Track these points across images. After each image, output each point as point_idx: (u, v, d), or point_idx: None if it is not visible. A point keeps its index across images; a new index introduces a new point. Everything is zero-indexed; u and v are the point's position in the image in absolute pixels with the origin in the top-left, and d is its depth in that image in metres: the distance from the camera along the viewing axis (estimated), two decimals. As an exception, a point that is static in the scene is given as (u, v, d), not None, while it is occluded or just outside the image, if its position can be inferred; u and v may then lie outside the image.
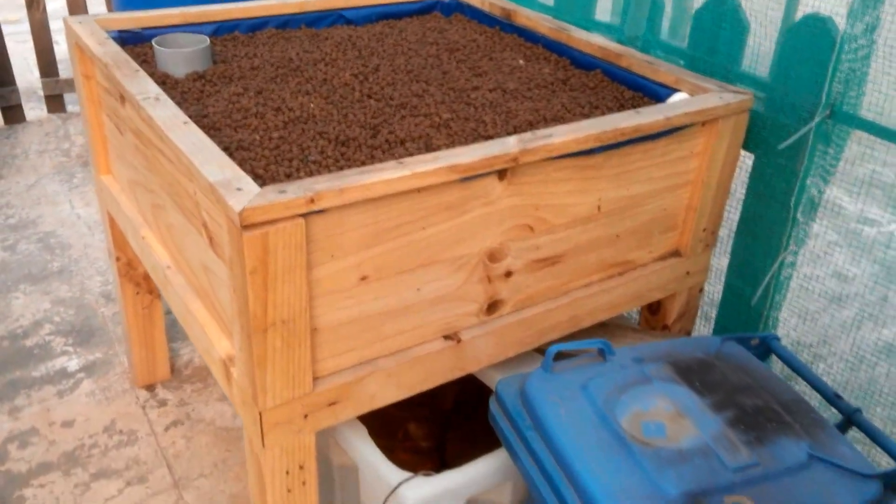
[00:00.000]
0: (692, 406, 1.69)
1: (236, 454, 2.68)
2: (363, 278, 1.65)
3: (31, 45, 5.06)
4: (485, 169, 1.66)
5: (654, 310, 2.36)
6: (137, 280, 2.73)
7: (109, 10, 5.09)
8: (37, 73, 5.30)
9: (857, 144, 1.97)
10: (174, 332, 3.20)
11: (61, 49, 5.40)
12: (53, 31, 4.99)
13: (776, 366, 2.15)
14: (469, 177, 1.66)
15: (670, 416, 1.66)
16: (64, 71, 5.17)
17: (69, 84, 5.06)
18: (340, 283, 1.63)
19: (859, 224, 2.63)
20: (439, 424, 2.52)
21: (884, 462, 2.04)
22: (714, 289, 2.46)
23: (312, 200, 1.46)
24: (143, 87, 1.87)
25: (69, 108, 5.19)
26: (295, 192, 1.46)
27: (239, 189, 1.46)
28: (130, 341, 2.85)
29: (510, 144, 1.70)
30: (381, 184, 1.53)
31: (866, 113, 1.90)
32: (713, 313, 2.49)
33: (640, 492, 1.50)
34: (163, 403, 2.89)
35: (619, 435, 1.61)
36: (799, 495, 1.53)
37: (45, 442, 2.70)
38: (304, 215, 1.47)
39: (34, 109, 5.19)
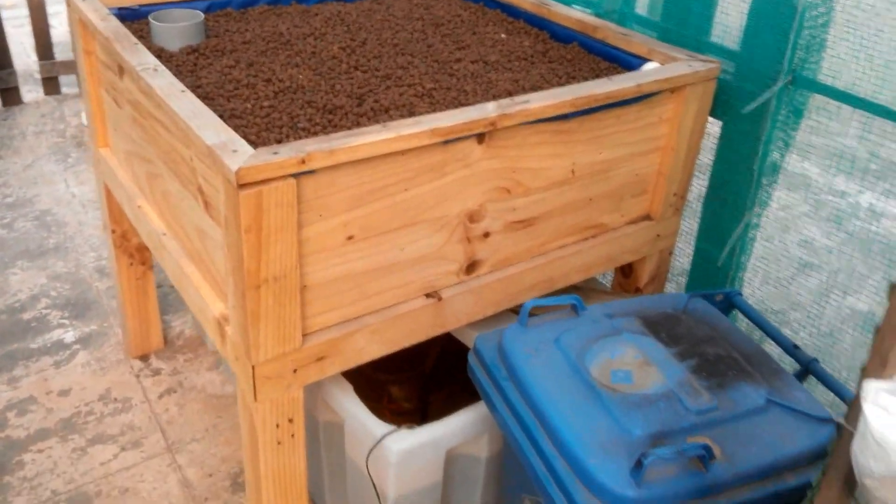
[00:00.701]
0: (658, 355, 1.79)
1: (227, 420, 2.79)
2: (350, 238, 1.75)
3: (28, 28, 5.13)
4: (464, 132, 1.76)
5: (626, 273, 2.47)
6: (131, 252, 2.82)
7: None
8: (33, 57, 5.38)
9: (829, 119, 2.07)
10: (166, 304, 3.30)
11: (57, 33, 5.48)
12: (50, 15, 5.07)
13: (741, 323, 2.26)
14: (450, 140, 1.76)
15: (637, 365, 1.77)
16: (60, 54, 5.25)
17: (65, 66, 5.14)
18: (328, 242, 1.72)
19: (829, 196, 2.73)
20: (421, 387, 2.62)
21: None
22: (686, 252, 2.56)
23: (303, 161, 1.56)
24: (143, 59, 1.96)
25: (64, 90, 5.28)
26: (287, 153, 1.55)
27: (235, 151, 1.55)
28: (124, 312, 2.94)
29: (489, 109, 1.80)
30: (367, 146, 1.63)
31: (825, 78, 2.01)
32: (685, 277, 2.59)
33: (607, 434, 1.61)
34: (156, 372, 2.98)
35: (589, 382, 1.72)
36: (757, 436, 1.63)
37: (42, 409, 2.80)
38: (295, 175, 1.57)
39: (31, 92, 5.27)
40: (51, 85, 5.21)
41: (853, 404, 1.01)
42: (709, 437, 1.60)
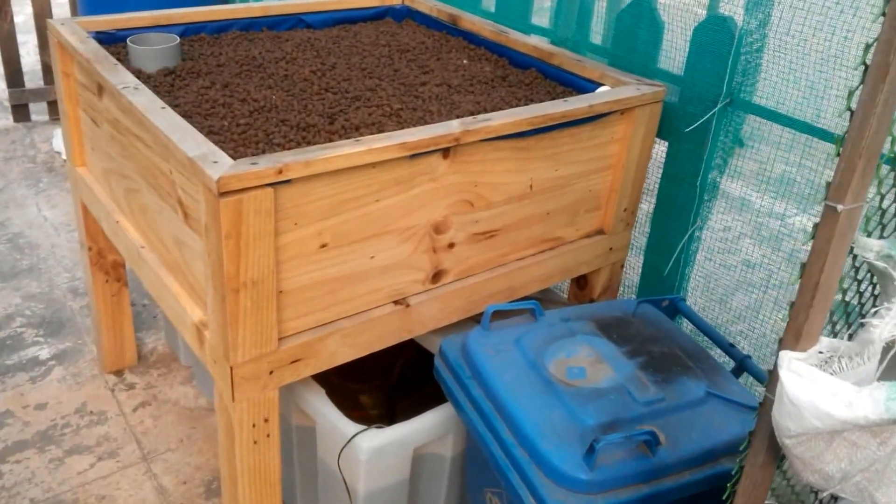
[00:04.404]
0: (610, 354, 1.93)
1: (200, 430, 2.88)
2: (323, 245, 1.87)
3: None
4: (431, 147, 1.90)
5: (581, 285, 2.61)
6: (107, 269, 2.91)
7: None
8: (1, 85, 5.47)
9: (766, 145, 2.23)
10: (138, 322, 3.39)
11: (26, 62, 5.55)
12: (19, 44, 5.15)
13: (685, 326, 2.40)
14: (417, 153, 1.89)
15: (591, 362, 1.91)
16: (29, 82, 5.33)
17: (34, 94, 5.23)
18: (303, 249, 1.84)
19: (766, 217, 2.88)
20: (387, 395, 2.74)
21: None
22: (635, 265, 2.71)
23: (281, 171, 1.68)
24: (123, 79, 2.08)
25: (34, 117, 5.36)
26: (265, 164, 1.68)
27: (215, 162, 1.67)
28: (99, 328, 3.03)
29: (454, 126, 1.94)
30: (341, 157, 1.76)
31: (759, 99, 2.18)
32: (634, 290, 2.75)
33: (563, 423, 1.74)
34: (131, 387, 3.07)
35: (547, 378, 1.85)
36: (698, 425, 1.79)
37: (19, 423, 2.87)
38: (273, 185, 1.69)
39: (0, 119, 5.35)
40: (20, 112, 5.29)
41: (772, 375, 1.14)
42: (655, 426, 1.74)
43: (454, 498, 2.30)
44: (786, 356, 1.09)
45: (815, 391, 1.03)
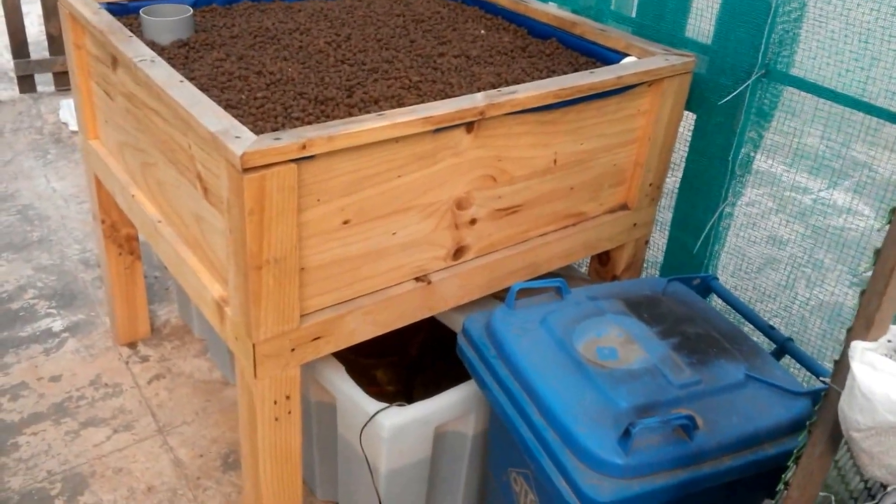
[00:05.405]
0: (641, 334, 1.89)
1: (215, 403, 2.85)
2: (345, 222, 1.83)
3: (2, 27, 5.15)
4: (455, 121, 1.85)
5: (603, 261, 2.57)
6: (120, 242, 2.87)
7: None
8: (7, 56, 5.41)
9: (795, 119, 2.17)
10: (151, 294, 3.35)
11: (31, 32, 5.49)
12: (24, 13, 5.09)
13: (717, 306, 2.36)
14: (441, 128, 1.84)
15: (622, 343, 1.87)
16: (34, 52, 5.27)
17: (40, 65, 5.17)
18: (325, 226, 1.80)
19: (794, 193, 2.84)
20: (405, 372, 2.71)
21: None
22: (658, 242, 2.66)
23: (304, 147, 1.64)
24: (139, 51, 2.02)
25: (40, 88, 5.31)
26: (288, 139, 1.63)
27: (237, 137, 1.63)
28: (113, 301, 3.00)
29: (478, 99, 1.89)
30: (364, 132, 1.71)
31: (797, 71, 2.11)
32: (656, 268, 2.70)
33: (595, 406, 1.70)
34: (145, 359, 3.04)
35: (576, 359, 1.81)
36: (737, 409, 1.74)
37: (34, 395, 2.85)
38: (296, 160, 1.65)
39: (6, 90, 5.30)
40: (26, 83, 5.24)
41: (838, 366, 1.10)
42: (692, 410, 1.70)
43: (475, 477, 2.27)
44: (858, 346, 1.05)
45: (892, 384, 0.99)
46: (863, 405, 1.02)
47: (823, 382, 1.19)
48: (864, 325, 1.08)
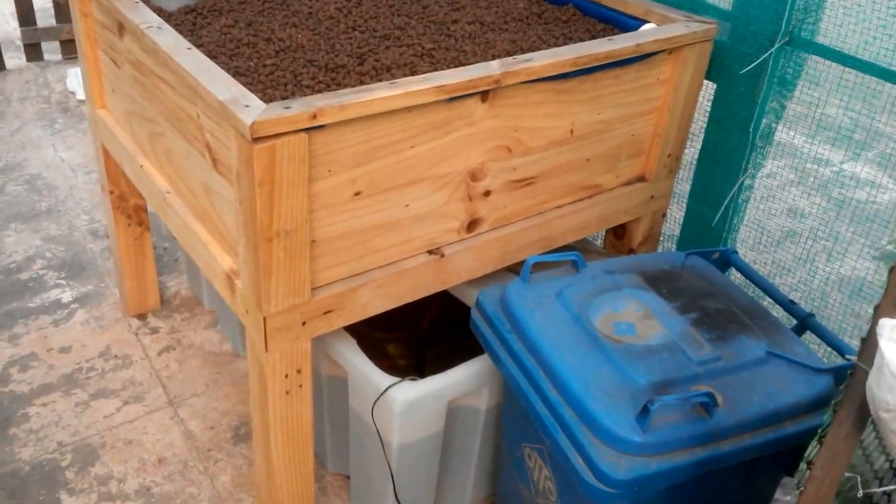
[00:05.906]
0: (660, 309, 1.85)
1: (226, 375, 2.83)
2: (357, 193, 1.79)
3: (9, -4, 5.12)
4: (469, 89, 1.80)
5: (619, 234, 2.52)
6: (129, 212, 2.84)
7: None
8: (13, 24, 5.36)
9: (818, 89, 2.11)
10: (160, 265, 3.32)
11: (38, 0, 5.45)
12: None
13: (737, 281, 2.32)
14: (455, 97, 1.80)
15: (639, 318, 1.83)
16: (41, 20, 5.22)
17: (46, 33, 5.11)
18: (337, 197, 1.76)
19: (815, 165, 2.78)
20: (416, 346, 2.68)
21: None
22: (676, 214, 2.61)
23: (315, 116, 1.59)
24: (145, 17, 1.98)
25: (46, 56, 5.25)
26: (299, 108, 1.58)
27: (247, 106, 1.58)
28: (122, 272, 2.97)
29: (493, 67, 1.84)
30: (376, 101, 1.66)
31: (822, 39, 2.05)
32: (673, 242, 2.65)
33: (611, 382, 1.67)
34: (154, 331, 3.02)
35: (593, 334, 1.78)
36: (758, 386, 1.70)
37: (44, 365, 2.83)
38: (306, 130, 1.60)
39: (13, 59, 5.24)
40: (33, 51, 5.19)
41: (866, 344, 1.06)
42: (711, 387, 1.66)
43: (488, 451, 2.24)
44: (886, 324, 1.01)
45: (923, 364, 0.95)
46: (893, 385, 0.98)
47: (847, 360, 1.15)
48: (892, 302, 1.04)
